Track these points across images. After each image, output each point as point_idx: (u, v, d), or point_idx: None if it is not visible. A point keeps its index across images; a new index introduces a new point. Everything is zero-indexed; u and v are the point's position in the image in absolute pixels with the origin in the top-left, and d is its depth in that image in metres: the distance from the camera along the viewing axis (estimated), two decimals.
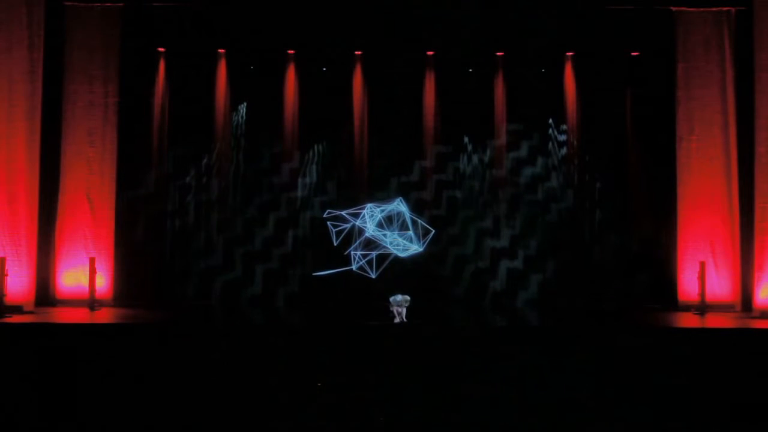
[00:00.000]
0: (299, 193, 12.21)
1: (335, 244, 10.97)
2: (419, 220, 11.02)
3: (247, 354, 8.96)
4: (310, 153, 12.30)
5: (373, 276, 10.77)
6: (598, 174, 12.23)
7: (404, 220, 10.86)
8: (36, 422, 8.20)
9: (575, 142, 12.26)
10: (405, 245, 10.79)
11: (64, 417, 8.24)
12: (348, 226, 10.86)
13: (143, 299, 11.69)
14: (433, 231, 11.01)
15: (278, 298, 11.92)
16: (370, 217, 10.79)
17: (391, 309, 9.88)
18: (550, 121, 12.31)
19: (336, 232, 10.88)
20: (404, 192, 11.81)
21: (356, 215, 10.87)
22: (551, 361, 8.85)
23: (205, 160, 12.20)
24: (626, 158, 12.16)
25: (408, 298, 9.89)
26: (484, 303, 11.88)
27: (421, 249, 10.89)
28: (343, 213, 10.92)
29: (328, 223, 11.02)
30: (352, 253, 10.79)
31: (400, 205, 10.90)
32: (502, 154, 12.28)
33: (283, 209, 12.17)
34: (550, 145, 12.34)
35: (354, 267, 10.79)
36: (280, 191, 12.21)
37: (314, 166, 12.28)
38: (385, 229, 10.77)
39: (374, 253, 10.80)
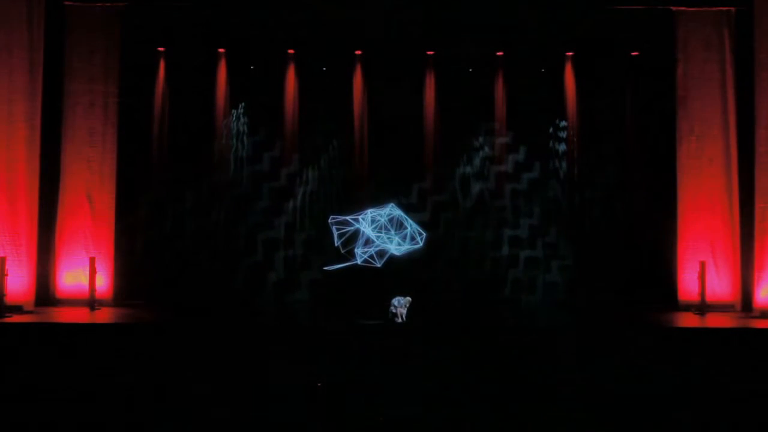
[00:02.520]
0: (298, 192, 12.21)
1: (336, 245, 11.00)
2: (412, 223, 11.06)
3: (247, 353, 8.97)
4: (310, 152, 12.29)
5: (379, 265, 10.81)
6: (598, 174, 12.21)
7: (401, 222, 10.95)
8: (36, 422, 8.20)
9: (575, 142, 12.25)
10: (399, 243, 10.90)
11: (63, 416, 8.23)
12: (351, 229, 10.93)
13: (143, 299, 11.69)
14: (425, 234, 11.05)
15: (280, 297, 11.92)
16: (370, 221, 10.90)
17: (392, 310, 9.94)
18: (550, 120, 12.31)
19: (339, 234, 10.96)
20: (407, 187, 11.91)
21: (357, 220, 10.98)
22: (551, 361, 8.87)
23: (204, 160, 12.19)
24: (626, 158, 12.15)
25: (409, 299, 9.99)
26: (486, 303, 11.86)
27: (415, 247, 10.95)
28: (348, 218, 10.99)
29: (333, 227, 11.06)
30: (354, 250, 10.89)
31: (394, 210, 10.99)
32: (503, 154, 12.30)
33: (282, 208, 12.18)
34: (550, 144, 12.34)
35: (359, 261, 10.88)
36: (279, 190, 12.21)
37: (314, 165, 12.28)
38: (384, 231, 10.88)
39: (373, 250, 10.90)
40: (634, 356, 8.90)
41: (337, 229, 11.01)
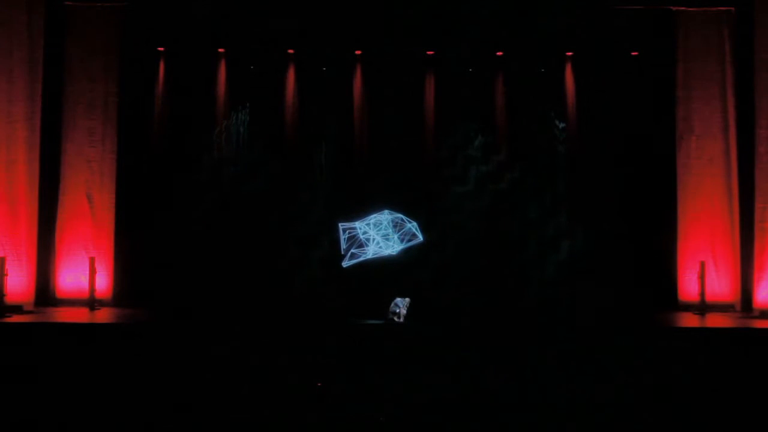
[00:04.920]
0: (298, 192, 12.21)
1: (343, 247, 11.04)
2: (411, 222, 11.10)
3: (246, 353, 8.97)
4: (309, 151, 12.29)
5: (386, 254, 10.95)
6: (597, 174, 12.19)
7: (401, 223, 11.01)
8: (35, 422, 8.20)
9: (575, 142, 12.24)
10: (399, 242, 10.97)
11: (63, 417, 8.24)
12: (356, 232, 10.99)
13: (143, 299, 11.67)
14: (421, 239, 11.09)
15: (278, 297, 11.92)
16: (373, 225, 10.97)
17: (393, 310, 9.97)
18: (550, 120, 12.30)
19: (347, 238, 11.03)
20: (407, 187, 11.94)
21: (362, 224, 11.06)
22: (551, 361, 8.87)
23: (204, 161, 12.19)
24: (626, 158, 12.12)
25: (409, 300, 10.03)
26: (486, 304, 11.85)
27: (416, 242, 11.02)
28: (355, 224, 11.06)
29: (341, 231, 11.10)
30: (353, 251, 10.94)
31: (392, 213, 11.05)
32: (501, 154, 12.28)
33: (281, 208, 12.17)
34: (549, 144, 12.31)
35: (371, 255, 10.90)
36: (278, 190, 12.20)
37: (313, 165, 12.28)
38: (385, 232, 10.96)
39: (375, 248, 10.96)
40: (634, 356, 8.90)
41: (345, 233, 11.07)
